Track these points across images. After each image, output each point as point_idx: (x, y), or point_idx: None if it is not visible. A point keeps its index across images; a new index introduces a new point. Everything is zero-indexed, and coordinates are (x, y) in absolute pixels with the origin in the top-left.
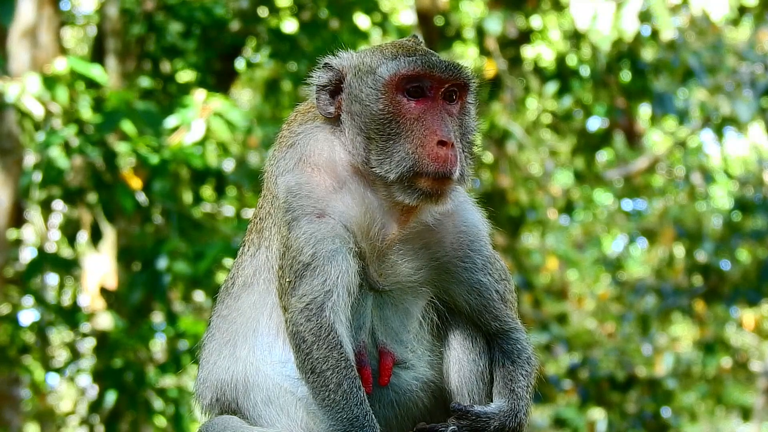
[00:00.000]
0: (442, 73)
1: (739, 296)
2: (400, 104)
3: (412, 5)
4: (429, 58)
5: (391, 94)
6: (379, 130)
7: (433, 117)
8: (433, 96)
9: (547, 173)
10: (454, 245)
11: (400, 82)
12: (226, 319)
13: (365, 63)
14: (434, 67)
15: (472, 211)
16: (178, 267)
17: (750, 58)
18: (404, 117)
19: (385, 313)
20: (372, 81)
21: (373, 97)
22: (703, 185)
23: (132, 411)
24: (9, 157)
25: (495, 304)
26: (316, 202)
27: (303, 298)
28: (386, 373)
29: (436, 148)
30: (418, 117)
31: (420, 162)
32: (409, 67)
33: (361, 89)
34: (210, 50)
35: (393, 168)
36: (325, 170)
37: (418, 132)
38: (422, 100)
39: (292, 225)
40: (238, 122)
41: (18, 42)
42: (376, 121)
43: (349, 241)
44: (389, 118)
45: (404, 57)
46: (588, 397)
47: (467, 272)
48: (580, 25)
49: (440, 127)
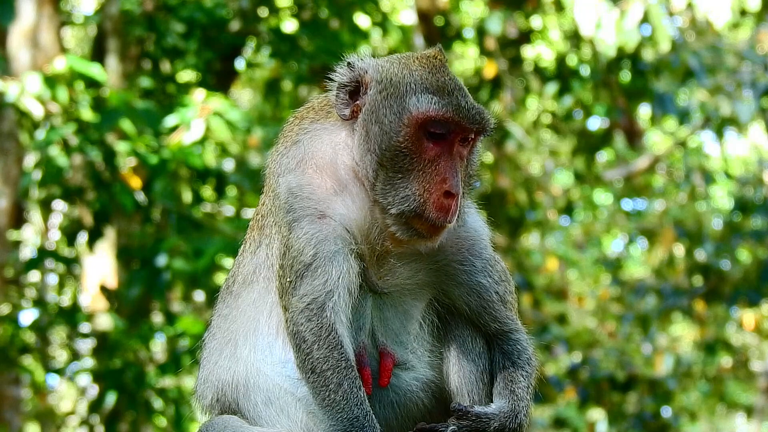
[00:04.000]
0: (471, 123)
1: (739, 296)
2: (420, 142)
3: (412, 5)
4: (459, 102)
5: (414, 130)
6: (392, 161)
7: (447, 163)
8: (451, 139)
9: (547, 173)
10: (454, 249)
11: (427, 122)
12: (227, 318)
13: (393, 83)
14: (464, 116)
15: (473, 216)
16: (177, 265)
17: (750, 59)
18: (420, 156)
19: (385, 314)
20: (398, 109)
21: (395, 126)
22: (703, 185)
23: (132, 411)
24: (9, 157)
25: (495, 306)
26: (317, 204)
27: (304, 298)
28: (386, 374)
29: (442, 198)
30: (433, 159)
31: (423, 206)
32: (441, 111)
33: (385, 113)
34: (210, 50)
35: (396, 203)
36: (327, 172)
37: (429, 176)
38: (441, 143)
39: (293, 225)
40: (237, 122)
41: (18, 42)
42: (392, 151)
43: (351, 242)
44: (405, 153)
45: (436, 95)
46: (588, 397)
47: (466, 275)
48: (585, 32)
49: (451, 177)
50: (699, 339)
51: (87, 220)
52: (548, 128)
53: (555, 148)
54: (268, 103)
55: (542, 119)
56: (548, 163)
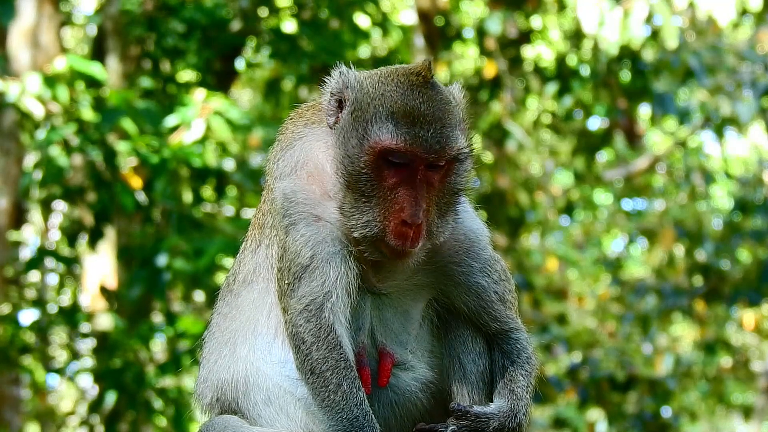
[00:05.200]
0: (429, 154)
1: (739, 296)
2: (381, 170)
3: (412, 5)
4: (419, 133)
5: (373, 158)
6: (356, 185)
7: (407, 192)
8: (414, 168)
9: (547, 173)
10: (451, 252)
11: (385, 152)
12: (227, 317)
13: (362, 106)
14: (423, 147)
15: (470, 218)
16: (178, 264)
17: (750, 59)
18: (380, 183)
19: (385, 314)
20: (362, 133)
21: (357, 151)
22: (703, 185)
23: (132, 411)
24: (9, 157)
25: (494, 306)
26: (312, 208)
27: (302, 299)
28: (385, 374)
29: (400, 226)
30: (393, 187)
31: (383, 233)
32: (398, 142)
33: (351, 135)
34: (210, 50)
35: (358, 228)
36: (320, 177)
37: (390, 203)
38: (402, 171)
39: (290, 229)
40: (238, 121)
41: (18, 42)
42: (354, 175)
43: (348, 244)
44: (366, 179)
45: (397, 124)
46: (588, 397)
47: (465, 275)
48: (587, 30)
49: (410, 206)
50: (699, 339)
51: (87, 220)
52: (548, 128)
53: (555, 148)
54: (268, 103)
55: (542, 119)
56: (548, 163)
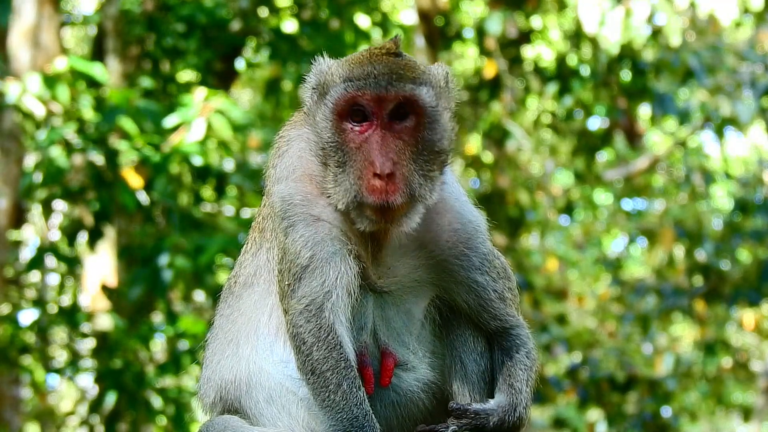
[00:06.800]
0: (377, 92)
1: (739, 296)
2: (345, 132)
3: (412, 5)
4: (368, 79)
5: (335, 122)
6: (329, 158)
7: (372, 145)
8: (376, 118)
9: (547, 173)
10: (449, 243)
11: (341, 109)
12: (229, 318)
13: (323, 83)
14: (369, 86)
15: (468, 207)
16: (179, 262)
17: (750, 58)
18: (348, 146)
19: (387, 313)
20: (323, 107)
21: (322, 124)
22: (703, 185)
23: (132, 411)
24: (9, 157)
25: (493, 304)
26: (310, 209)
27: (302, 299)
28: (387, 374)
29: (373, 180)
30: (360, 145)
31: (360, 193)
32: (348, 93)
33: (316, 114)
34: (210, 50)
35: (340, 198)
36: (313, 179)
37: (359, 162)
38: (366, 125)
39: (289, 231)
40: (239, 120)
41: (18, 42)
42: (326, 149)
43: (347, 243)
44: (335, 147)
45: (348, 81)
46: (588, 397)
47: (464, 270)
48: (588, 30)
49: (377, 158)
50: (699, 339)
51: (87, 219)
52: (548, 128)
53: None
54: (268, 103)
55: (542, 119)
56: (548, 163)
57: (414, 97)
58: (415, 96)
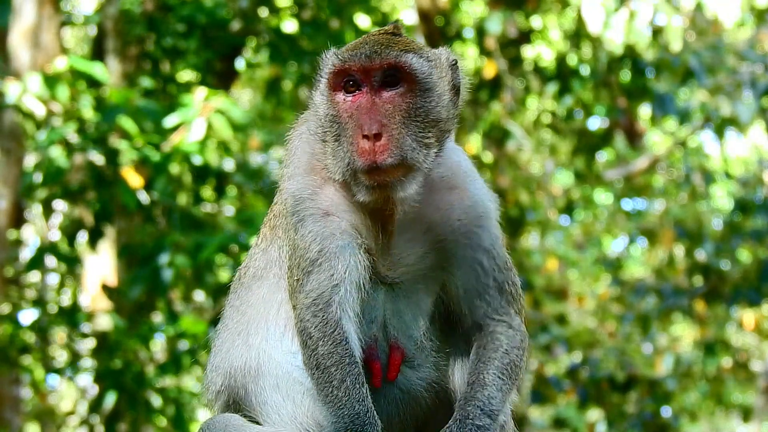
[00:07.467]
0: (362, 62)
1: (739, 296)
2: (337, 103)
3: (412, 5)
4: (356, 49)
5: (328, 95)
6: (327, 134)
7: (361, 110)
8: (366, 88)
9: (547, 173)
10: (460, 222)
11: (331, 80)
12: (239, 309)
13: (323, 65)
14: (352, 59)
15: (481, 186)
16: (179, 261)
17: (750, 58)
18: (341, 116)
19: (398, 306)
20: (320, 84)
21: (319, 101)
22: (703, 185)
23: (132, 411)
24: (10, 157)
25: (491, 292)
26: (319, 203)
27: (310, 293)
28: (395, 368)
29: (362, 143)
30: (351, 114)
31: (352, 159)
32: (337, 64)
33: (315, 94)
34: (210, 50)
35: (337, 171)
36: (321, 173)
37: (351, 129)
38: (357, 95)
39: (299, 226)
40: (239, 120)
41: (18, 42)
42: (323, 125)
43: (357, 236)
44: (330, 119)
45: (339, 54)
46: (588, 397)
47: (471, 250)
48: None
49: (365, 121)
50: (699, 339)
51: (87, 219)
52: (548, 128)
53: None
54: (268, 103)
55: (542, 119)
56: (548, 163)
57: (400, 64)
58: (400, 62)
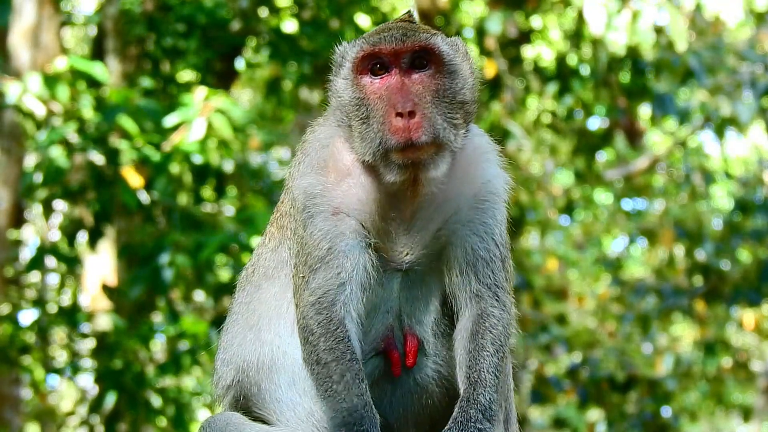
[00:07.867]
0: (393, 45)
1: (739, 296)
2: (364, 86)
3: (412, 5)
4: (382, 33)
5: (354, 79)
6: (354, 116)
7: (391, 90)
8: (394, 70)
9: (547, 173)
10: (472, 197)
11: (358, 64)
12: (249, 306)
13: (340, 53)
14: (381, 42)
15: (494, 167)
16: (179, 260)
17: (750, 58)
18: (370, 98)
19: (413, 293)
20: (341, 71)
21: (343, 86)
22: (703, 185)
23: (132, 411)
24: (10, 157)
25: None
26: (330, 201)
27: (316, 291)
28: (412, 355)
29: (395, 121)
30: (381, 95)
31: (384, 138)
32: (364, 48)
33: (336, 82)
34: (210, 50)
35: (367, 150)
36: (334, 170)
37: (381, 109)
38: (385, 77)
39: (308, 223)
40: (239, 119)
41: (18, 42)
42: (350, 109)
43: (366, 236)
44: (358, 102)
45: (363, 39)
46: (588, 397)
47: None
48: (594, 31)
49: (398, 100)
50: (699, 339)
51: (87, 219)
52: (548, 128)
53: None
54: (268, 103)
55: (542, 119)
56: (548, 162)
57: (430, 46)
58: (430, 44)
